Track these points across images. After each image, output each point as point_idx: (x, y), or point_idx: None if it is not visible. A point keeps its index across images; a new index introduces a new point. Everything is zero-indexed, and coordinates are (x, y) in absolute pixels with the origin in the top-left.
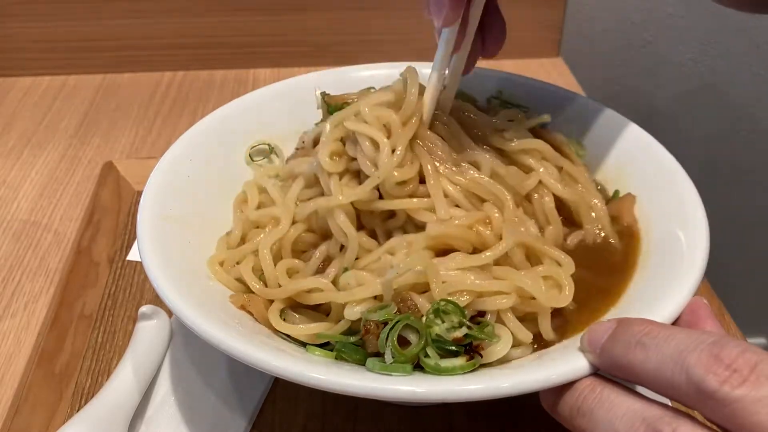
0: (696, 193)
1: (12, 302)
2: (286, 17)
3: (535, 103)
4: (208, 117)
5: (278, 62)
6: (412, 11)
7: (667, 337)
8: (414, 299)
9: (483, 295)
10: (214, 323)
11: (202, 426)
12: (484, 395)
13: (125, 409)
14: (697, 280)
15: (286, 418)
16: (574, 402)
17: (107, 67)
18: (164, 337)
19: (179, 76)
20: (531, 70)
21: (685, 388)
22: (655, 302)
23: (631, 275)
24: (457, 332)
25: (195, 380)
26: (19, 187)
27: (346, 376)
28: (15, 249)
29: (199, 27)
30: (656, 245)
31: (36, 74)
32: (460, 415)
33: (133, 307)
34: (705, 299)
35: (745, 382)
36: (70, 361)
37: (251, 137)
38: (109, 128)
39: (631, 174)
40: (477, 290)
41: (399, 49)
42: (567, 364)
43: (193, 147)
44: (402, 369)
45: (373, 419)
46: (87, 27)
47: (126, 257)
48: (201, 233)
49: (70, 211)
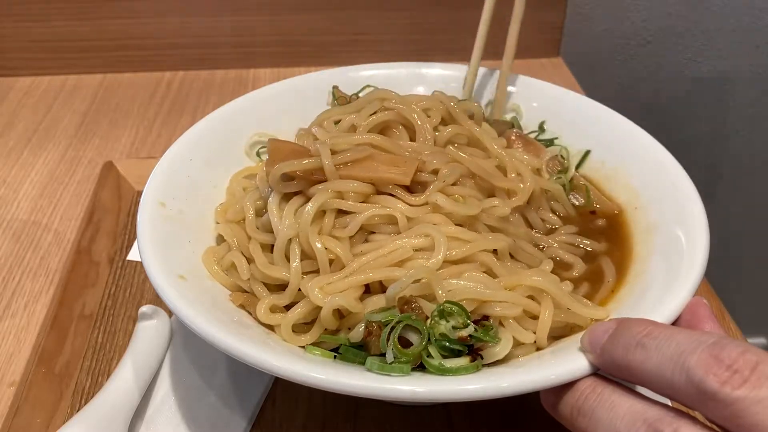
0: (696, 193)
1: (12, 302)
2: (286, 17)
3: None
4: (208, 116)
5: (278, 62)
6: (412, 11)
7: (668, 338)
8: (419, 302)
9: (488, 304)
10: (214, 323)
11: (202, 426)
12: (484, 395)
13: (125, 409)
14: (697, 280)
15: (286, 418)
16: (574, 402)
17: (107, 67)
18: (164, 337)
19: (179, 76)
20: (531, 70)
21: (685, 388)
22: (655, 302)
23: (629, 263)
24: (463, 331)
25: (195, 380)
26: (19, 187)
27: (346, 376)
28: (15, 249)
29: (199, 27)
30: (656, 245)
31: (36, 74)
32: (460, 415)
33: (133, 307)
34: (705, 299)
35: (745, 382)
36: (70, 361)
37: (251, 137)
38: (109, 128)
39: (631, 174)
40: (482, 299)
41: (398, 49)
42: (567, 364)
43: (193, 147)
44: (401, 369)
45: (373, 419)
46: (87, 27)
47: (126, 257)
48: (201, 233)
49: (70, 211)
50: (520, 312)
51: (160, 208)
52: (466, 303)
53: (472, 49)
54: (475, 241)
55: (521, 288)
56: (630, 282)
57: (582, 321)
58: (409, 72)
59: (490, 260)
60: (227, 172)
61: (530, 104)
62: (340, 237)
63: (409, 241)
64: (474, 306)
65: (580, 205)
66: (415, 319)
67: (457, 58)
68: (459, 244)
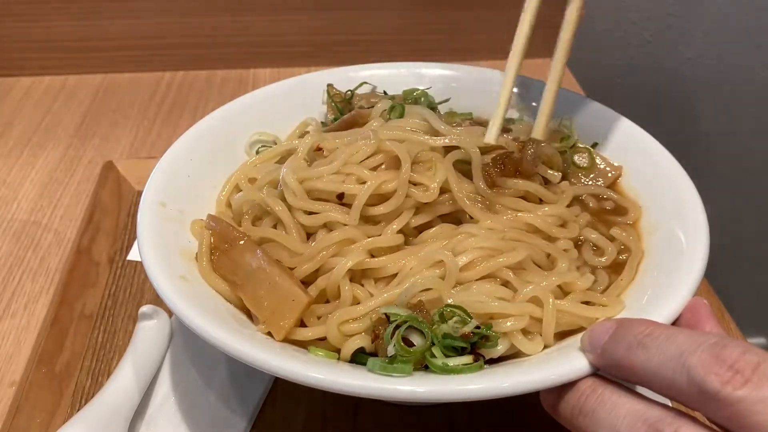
0: (696, 193)
1: (12, 302)
2: (286, 17)
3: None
4: (209, 117)
5: (278, 62)
6: (412, 11)
7: (669, 338)
8: (426, 305)
9: (494, 318)
10: (214, 323)
11: (202, 426)
12: (484, 395)
13: (125, 409)
14: (697, 280)
15: (286, 418)
16: (575, 402)
17: (107, 67)
18: (164, 337)
19: (179, 76)
20: (531, 70)
21: (686, 388)
22: (655, 302)
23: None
24: (465, 328)
25: (195, 380)
26: (19, 187)
27: (346, 376)
28: (15, 249)
29: (199, 27)
30: (656, 245)
31: (36, 74)
32: (461, 414)
33: (133, 307)
34: (705, 299)
35: (747, 382)
36: (70, 361)
37: (251, 137)
38: (109, 128)
39: (631, 174)
40: (488, 312)
41: (399, 49)
42: (567, 364)
43: (193, 147)
44: (402, 369)
45: (373, 419)
46: (87, 27)
47: (126, 257)
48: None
49: (70, 211)
50: (526, 323)
51: (161, 208)
52: (475, 317)
53: (494, 51)
54: (494, 257)
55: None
56: (632, 281)
57: (586, 322)
58: (409, 72)
59: (506, 275)
60: (227, 172)
61: (530, 104)
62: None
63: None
64: (483, 320)
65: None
66: (421, 321)
67: (457, 58)
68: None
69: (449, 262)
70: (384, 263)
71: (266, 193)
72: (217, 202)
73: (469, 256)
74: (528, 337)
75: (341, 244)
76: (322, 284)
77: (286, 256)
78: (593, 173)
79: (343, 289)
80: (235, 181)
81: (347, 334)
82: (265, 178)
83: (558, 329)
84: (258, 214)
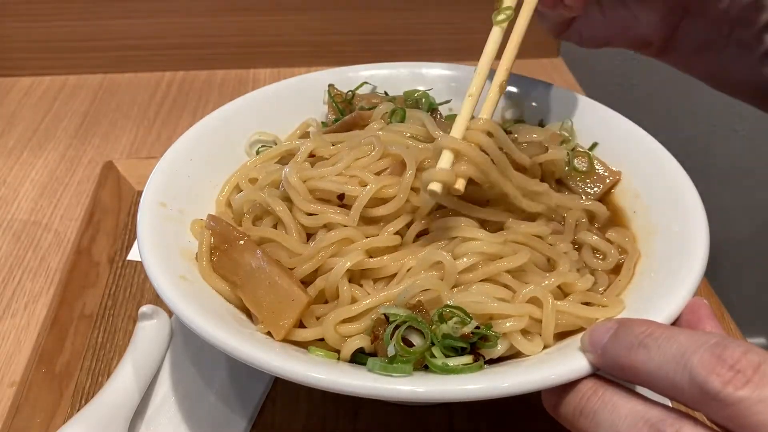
0: (696, 193)
1: (12, 302)
2: (286, 17)
3: (535, 103)
4: (209, 117)
5: (278, 62)
6: (412, 11)
7: (669, 338)
8: (425, 305)
9: (493, 318)
10: (214, 323)
11: (202, 426)
12: (484, 395)
13: (125, 409)
14: (697, 280)
15: (286, 418)
16: (576, 403)
17: (107, 67)
18: (164, 337)
19: (179, 76)
20: (531, 70)
21: (687, 388)
22: (656, 302)
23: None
24: (465, 328)
25: (195, 380)
26: (19, 187)
27: (346, 376)
28: (15, 249)
29: (199, 27)
30: (656, 245)
31: (36, 74)
32: (461, 414)
33: (133, 307)
34: (705, 299)
35: (748, 382)
36: (70, 361)
37: (251, 137)
38: (109, 128)
39: (631, 174)
40: (487, 312)
41: (399, 49)
42: (567, 364)
43: (193, 147)
44: (402, 369)
45: (374, 419)
46: (87, 27)
47: (126, 257)
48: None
49: (70, 211)
50: (525, 323)
51: (161, 208)
52: (474, 317)
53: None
54: (496, 263)
55: (521, 296)
56: (630, 281)
57: (586, 323)
58: (410, 72)
59: (505, 279)
60: (227, 172)
61: (530, 104)
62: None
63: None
64: (482, 321)
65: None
66: (421, 321)
67: (457, 58)
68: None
69: (448, 263)
70: (383, 263)
71: (267, 194)
72: (217, 202)
73: (470, 259)
74: (527, 337)
75: (340, 244)
76: (321, 284)
77: (286, 257)
78: (591, 178)
79: (342, 290)
80: (236, 181)
81: (345, 335)
82: (267, 178)
83: (557, 330)
84: (258, 214)
